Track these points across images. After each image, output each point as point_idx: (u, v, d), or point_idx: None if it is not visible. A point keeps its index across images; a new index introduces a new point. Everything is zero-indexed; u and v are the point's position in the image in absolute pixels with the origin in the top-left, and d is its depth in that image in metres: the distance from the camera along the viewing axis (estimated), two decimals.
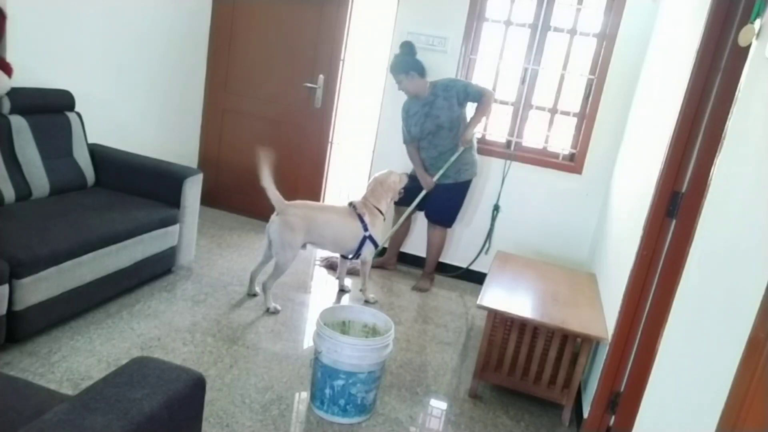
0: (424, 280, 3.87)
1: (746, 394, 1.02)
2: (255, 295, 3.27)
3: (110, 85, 3.67)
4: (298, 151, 4.45)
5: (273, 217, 3.12)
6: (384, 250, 4.08)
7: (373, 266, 4.02)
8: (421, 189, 3.67)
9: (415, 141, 3.66)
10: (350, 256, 3.38)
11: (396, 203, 3.68)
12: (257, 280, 3.29)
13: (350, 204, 3.33)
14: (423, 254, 3.95)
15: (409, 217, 3.87)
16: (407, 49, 3.56)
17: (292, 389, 2.49)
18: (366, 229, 3.26)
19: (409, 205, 3.73)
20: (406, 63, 3.52)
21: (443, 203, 3.71)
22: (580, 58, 3.80)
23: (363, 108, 5.08)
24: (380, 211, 3.35)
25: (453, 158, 3.58)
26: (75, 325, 2.66)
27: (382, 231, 3.43)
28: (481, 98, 3.51)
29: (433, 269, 3.91)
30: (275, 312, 3.13)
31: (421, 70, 3.53)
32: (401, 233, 3.99)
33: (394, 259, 4.09)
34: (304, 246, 3.20)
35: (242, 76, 4.49)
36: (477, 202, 4.04)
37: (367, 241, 3.28)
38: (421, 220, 3.96)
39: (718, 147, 1.57)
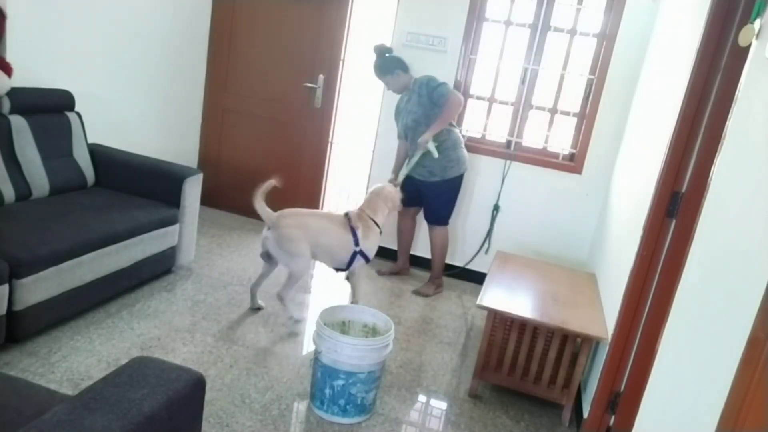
0: (428, 286, 3.80)
1: (746, 394, 1.02)
2: (259, 309, 3.13)
3: (110, 85, 3.67)
4: (298, 151, 4.45)
5: (265, 231, 2.96)
6: (396, 256, 4.03)
7: (388, 274, 3.98)
8: (416, 191, 3.62)
9: (401, 137, 3.70)
10: (342, 269, 3.19)
11: None
12: (258, 294, 3.14)
13: (345, 214, 3.14)
14: (427, 255, 3.92)
15: (413, 219, 3.87)
16: (382, 50, 3.64)
17: (292, 389, 2.49)
18: (357, 244, 3.06)
19: (410, 207, 3.70)
20: (388, 63, 3.61)
21: (434, 201, 3.70)
22: (580, 58, 3.79)
23: (363, 108, 5.08)
24: (376, 224, 3.17)
25: (413, 161, 3.54)
26: (75, 325, 2.66)
27: (376, 243, 3.20)
28: (444, 103, 3.42)
29: (440, 273, 3.82)
30: (299, 321, 3.05)
31: (403, 67, 3.62)
32: (407, 238, 3.98)
33: (407, 264, 4.05)
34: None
35: (242, 76, 4.49)
36: (477, 202, 4.04)
37: (358, 256, 3.10)
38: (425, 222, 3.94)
39: (718, 147, 1.57)
